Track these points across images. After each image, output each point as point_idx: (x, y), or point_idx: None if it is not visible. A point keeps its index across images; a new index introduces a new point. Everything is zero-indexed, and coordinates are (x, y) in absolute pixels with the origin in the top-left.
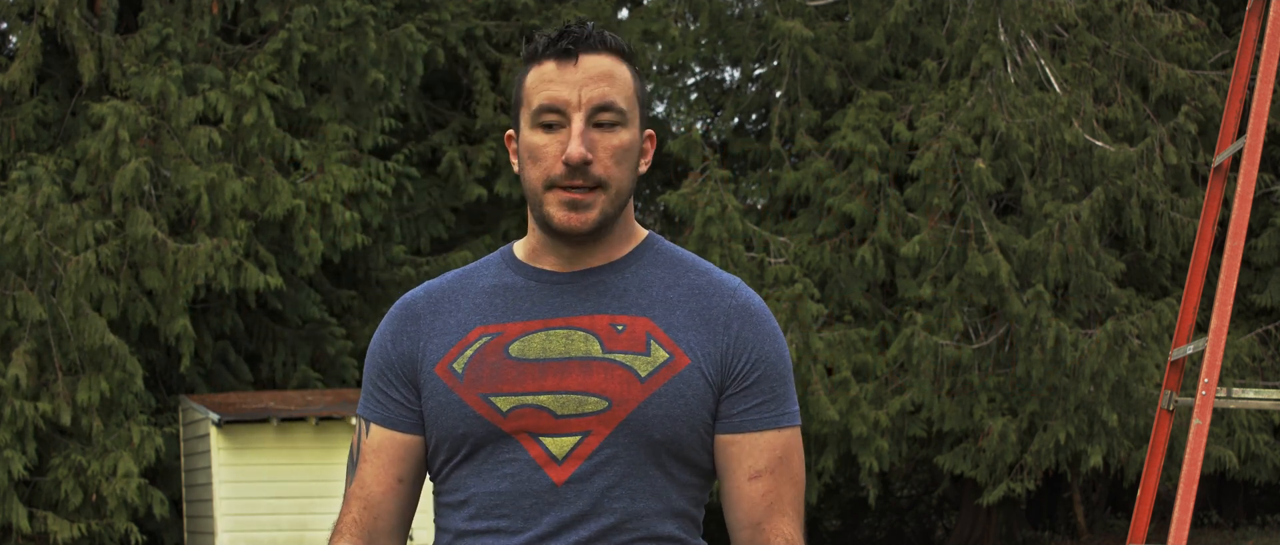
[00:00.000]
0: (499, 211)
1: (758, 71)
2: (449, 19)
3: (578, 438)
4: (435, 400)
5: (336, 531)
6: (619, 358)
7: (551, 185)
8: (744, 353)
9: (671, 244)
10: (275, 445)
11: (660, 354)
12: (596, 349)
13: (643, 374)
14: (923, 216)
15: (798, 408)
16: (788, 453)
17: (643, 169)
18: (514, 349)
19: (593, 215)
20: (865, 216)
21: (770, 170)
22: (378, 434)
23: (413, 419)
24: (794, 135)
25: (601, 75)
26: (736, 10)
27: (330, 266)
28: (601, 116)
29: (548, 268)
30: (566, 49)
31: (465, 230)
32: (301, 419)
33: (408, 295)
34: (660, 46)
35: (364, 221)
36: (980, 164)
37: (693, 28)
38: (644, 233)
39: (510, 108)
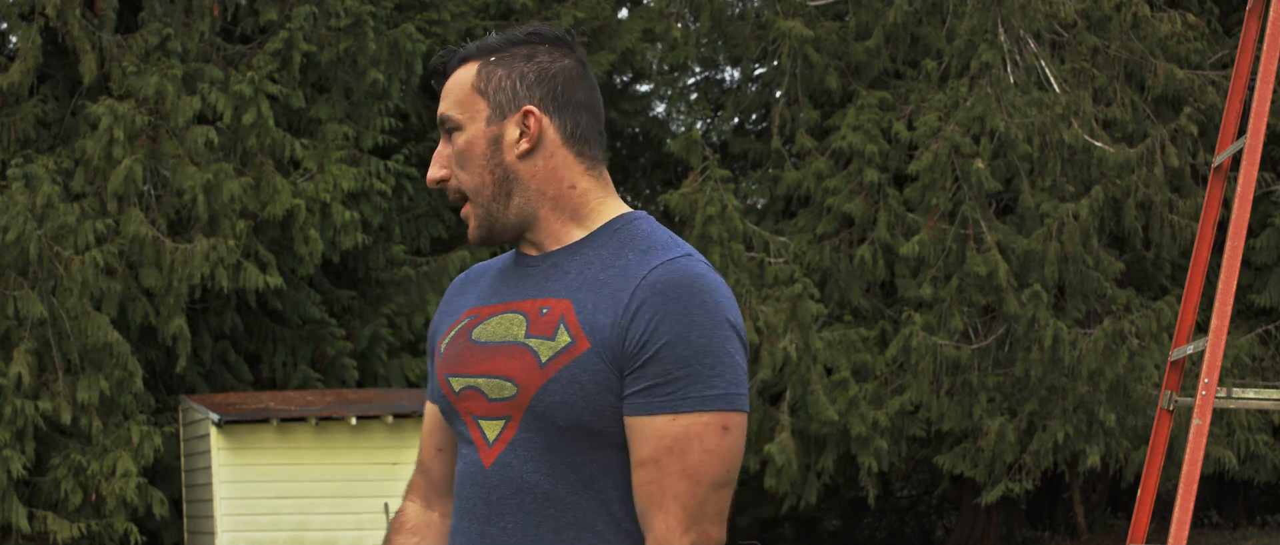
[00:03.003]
0: None
1: (758, 71)
2: (448, 19)
3: (502, 422)
4: (430, 375)
5: (406, 491)
6: (531, 342)
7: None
8: (639, 332)
9: (648, 225)
10: (275, 445)
11: (563, 338)
12: (520, 332)
13: (543, 359)
14: (922, 216)
15: (719, 391)
16: (682, 442)
17: (521, 149)
18: (477, 331)
19: (472, 225)
20: (865, 216)
21: (770, 170)
22: (427, 406)
23: None
24: (794, 135)
25: (444, 94)
26: (737, 10)
27: (330, 266)
28: (446, 128)
29: (526, 252)
30: (434, 83)
31: (464, 230)
32: (301, 419)
33: (459, 276)
34: (660, 46)
35: (364, 221)
36: (979, 164)
37: (693, 27)
38: (618, 213)
39: None
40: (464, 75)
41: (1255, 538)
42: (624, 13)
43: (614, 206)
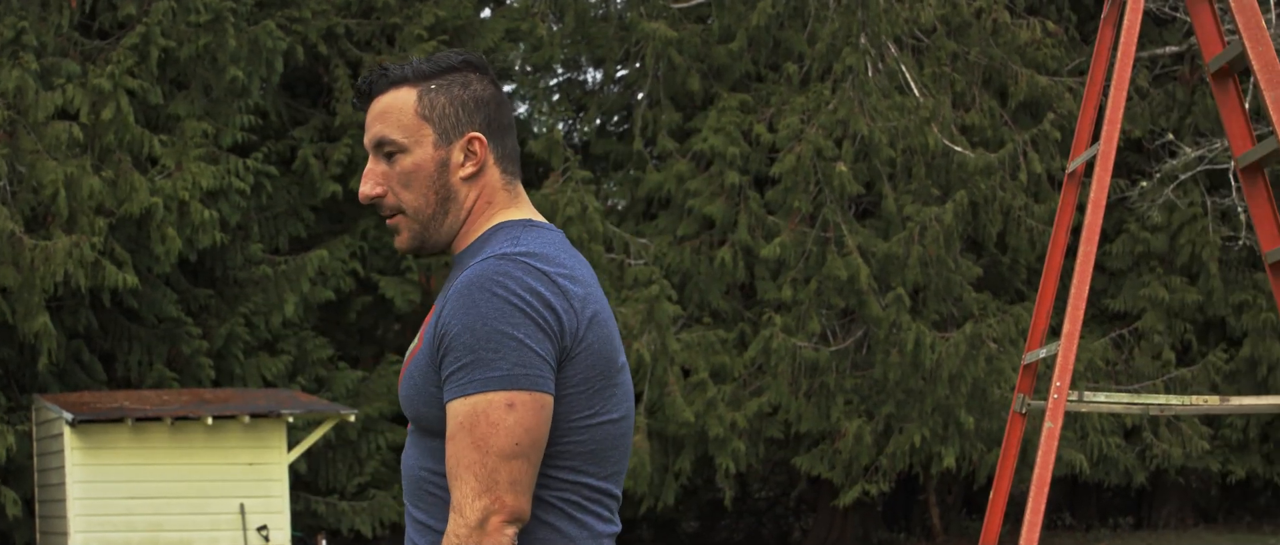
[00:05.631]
0: (358, 210)
1: (620, 73)
2: (309, 16)
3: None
4: None
5: None
6: (413, 346)
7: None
8: (441, 323)
9: (506, 231)
10: (130, 445)
11: (416, 341)
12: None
13: (406, 362)
14: (783, 219)
15: (501, 372)
16: (471, 418)
17: (466, 172)
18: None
19: (404, 237)
20: (726, 218)
21: (631, 172)
22: None
23: None
24: (656, 137)
25: (377, 115)
26: (601, 11)
27: (187, 265)
28: (383, 150)
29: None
30: (354, 103)
31: (324, 229)
32: (157, 419)
33: None
34: (524, 47)
35: (222, 220)
36: (841, 167)
37: (557, 28)
38: (495, 222)
39: None
40: (403, 100)
41: (1107, 539)
42: (487, 12)
43: (500, 214)
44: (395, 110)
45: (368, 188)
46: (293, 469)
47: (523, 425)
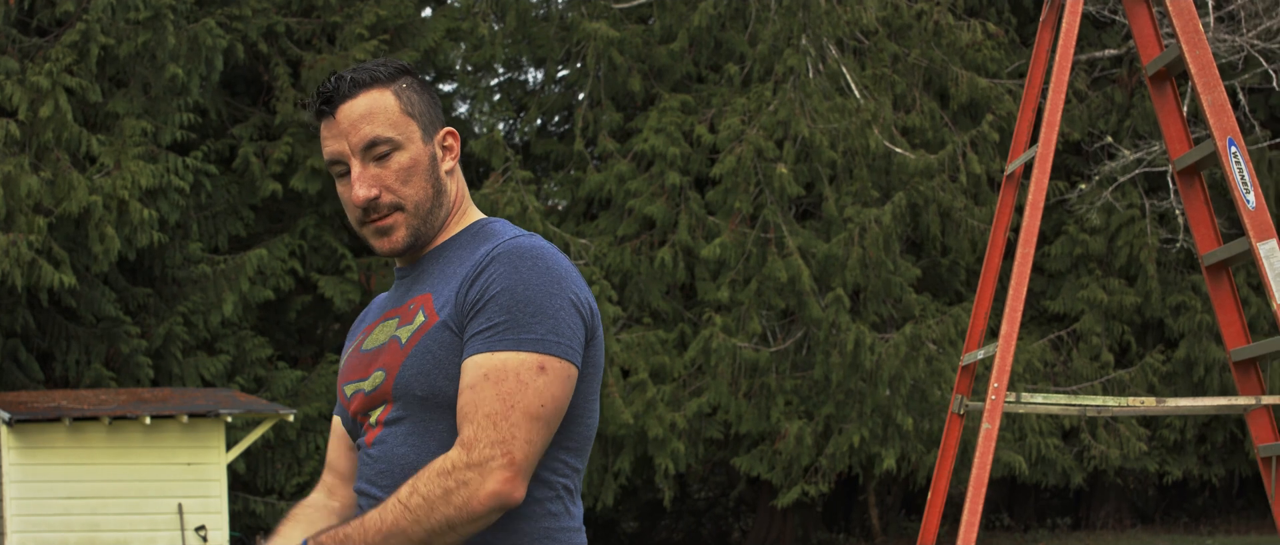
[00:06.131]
0: (298, 209)
1: (562, 73)
2: (250, 14)
3: (381, 407)
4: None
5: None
6: (398, 332)
7: (362, 223)
8: (476, 291)
9: (506, 227)
10: (67, 445)
11: (419, 319)
12: (393, 329)
13: (403, 340)
14: (723, 219)
15: (537, 335)
16: (498, 371)
17: (448, 165)
18: (366, 343)
19: (401, 235)
20: (666, 219)
21: (572, 172)
22: (334, 419)
23: None
24: (597, 137)
25: (360, 118)
26: (542, 11)
27: (126, 263)
28: (375, 151)
29: (399, 265)
30: (322, 110)
31: (264, 228)
32: (94, 418)
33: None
34: (465, 46)
35: (161, 219)
36: (782, 168)
37: (498, 28)
38: (475, 217)
39: None
40: (384, 100)
41: (1045, 540)
42: (428, 12)
43: (476, 212)
44: (380, 110)
45: (364, 191)
46: (231, 469)
47: (550, 390)
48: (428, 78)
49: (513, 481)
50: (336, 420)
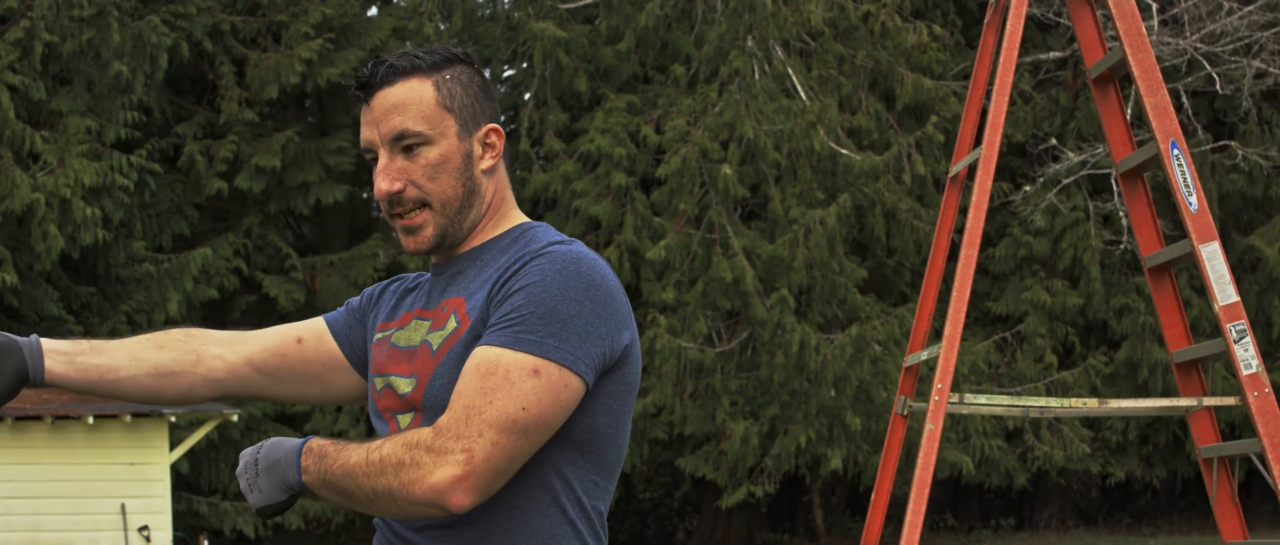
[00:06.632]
0: (242, 208)
1: (507, 73)
2: (195, 12)
3: (410, 414)
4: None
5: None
6: (429, 338)
7: (391, 215)
8: (502, 290)
9: (549, 232)
10: (9, 444)
11: (451, 324)
12: (424, 333)
13: (434, 346)
14: (669, 220)
15: (538, 339)
16: (490, 364)
17: (487, 163)
18: (396, 336)
19: (428, 233)
20: (612, 219)
21: (518, 172)
22: (318, 319)
23: (351, 345)
24: (542, 137)
25: (392, 108)
26: (488, 11)
27: (69, 262)
28: (404, 143)
29: (435, 261)
30: (358, 95)
31: (208, 227)
32: (36, 418)
33: (410, 275)
34: (410, 45)
35: (105, 217)
36: (727, 170)
37: (444, 27)
38: (517, 220)
39: None
40: (420, 91)
41: (989, 541)
42: (374, 11)
43: (519, 215)
44: (414, 101)
45: (386, 184)
46: (175, 469)
47: (538, 396)
48: None
49: (461, 482)
50: (319, 324)
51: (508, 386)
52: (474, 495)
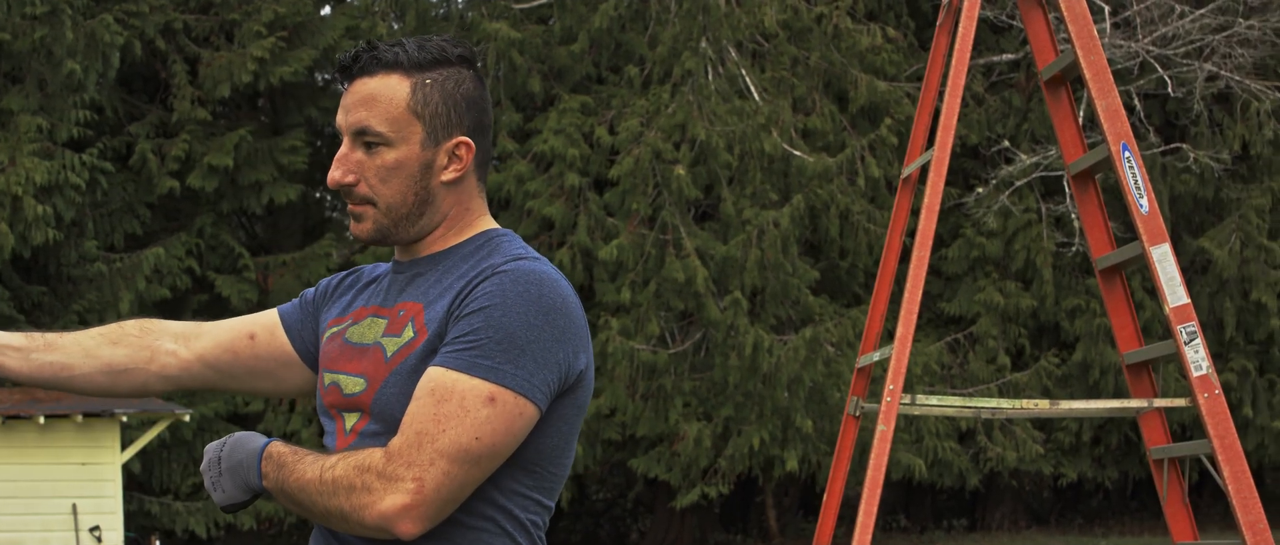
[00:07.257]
0: (195, 207)
1: None
2: (148, 11)
3: (356, 414)
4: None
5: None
6: (383, 340)
7: (344, 197)
8: (463, 306)
9: (514, 243)
10: None
11: (408, 334)
12: (379, 333)
13: (389, 354)
14: (622, 221)
15: (495, 365)
16: (444, 391)
17: (449, 175)
18: (350, 332)
19: (367, 226)
20: (565, 220)
21: None
22: (271, 312)
23: (303, 341)
24: (496, 138)
25: (362, 100)
26: (442, 10)
27: (20, 261)
28: (365, 139)
29: (397, 258)
30: (337, 77)
31: (160, 226)
32: None
33: (366, 266)
34: (363, 45)
35: (56, 216)
36: (680, 171)
37: (397, 27)
38: (484, 228)
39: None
40: (394, 90)
41: (942, 541)
42: (327, 10)
43: (486, 222)
44: (384, 100)
45: (339, 174)
46: (126, 469)
47: (492, 425)
48: (326, 77)
49: (411, 512)
50: (271, 317)
51: (462, 414)
52: (423, 523)
